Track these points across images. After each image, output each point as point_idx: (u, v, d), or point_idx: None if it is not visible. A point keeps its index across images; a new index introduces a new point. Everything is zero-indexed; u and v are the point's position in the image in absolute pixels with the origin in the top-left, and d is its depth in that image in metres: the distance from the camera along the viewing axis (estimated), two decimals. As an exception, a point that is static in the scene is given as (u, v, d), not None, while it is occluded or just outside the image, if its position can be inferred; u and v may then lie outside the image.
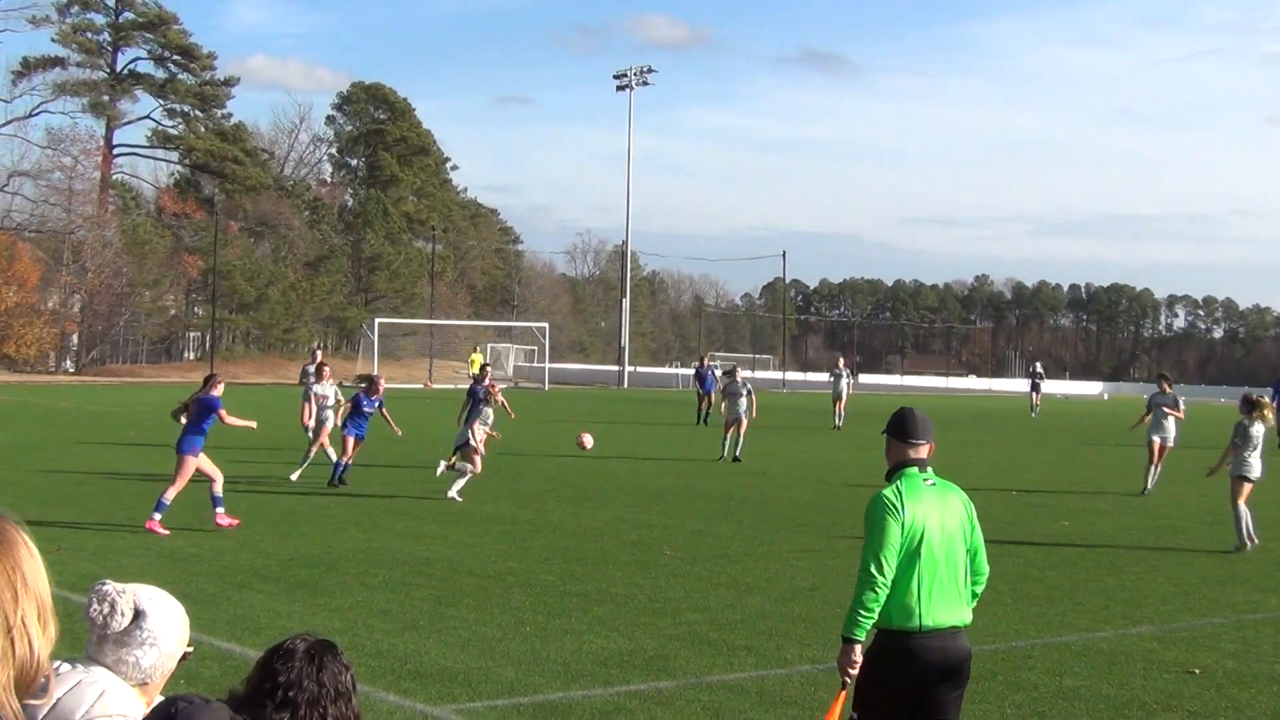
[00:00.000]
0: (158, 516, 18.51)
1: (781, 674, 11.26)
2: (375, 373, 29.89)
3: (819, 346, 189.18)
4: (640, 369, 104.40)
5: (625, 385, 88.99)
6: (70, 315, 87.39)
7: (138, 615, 3.95)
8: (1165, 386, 28.75)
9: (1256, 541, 19.25)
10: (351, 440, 25.03)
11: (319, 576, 15.28)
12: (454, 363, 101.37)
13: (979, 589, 7.11)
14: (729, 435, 32.47)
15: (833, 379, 48.44)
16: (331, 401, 26.55)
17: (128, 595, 3.96)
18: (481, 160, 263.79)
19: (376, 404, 25.52)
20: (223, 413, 19.26)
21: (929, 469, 7.08)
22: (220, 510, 18.98)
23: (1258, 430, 19.66)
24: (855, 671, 6.82)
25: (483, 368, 28.02)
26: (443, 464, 24.03)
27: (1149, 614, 14.48)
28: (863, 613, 6.75)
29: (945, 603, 6.78)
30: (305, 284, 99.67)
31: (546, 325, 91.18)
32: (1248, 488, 19.38)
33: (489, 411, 24.33)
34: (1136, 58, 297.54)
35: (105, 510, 20.44)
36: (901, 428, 7.13)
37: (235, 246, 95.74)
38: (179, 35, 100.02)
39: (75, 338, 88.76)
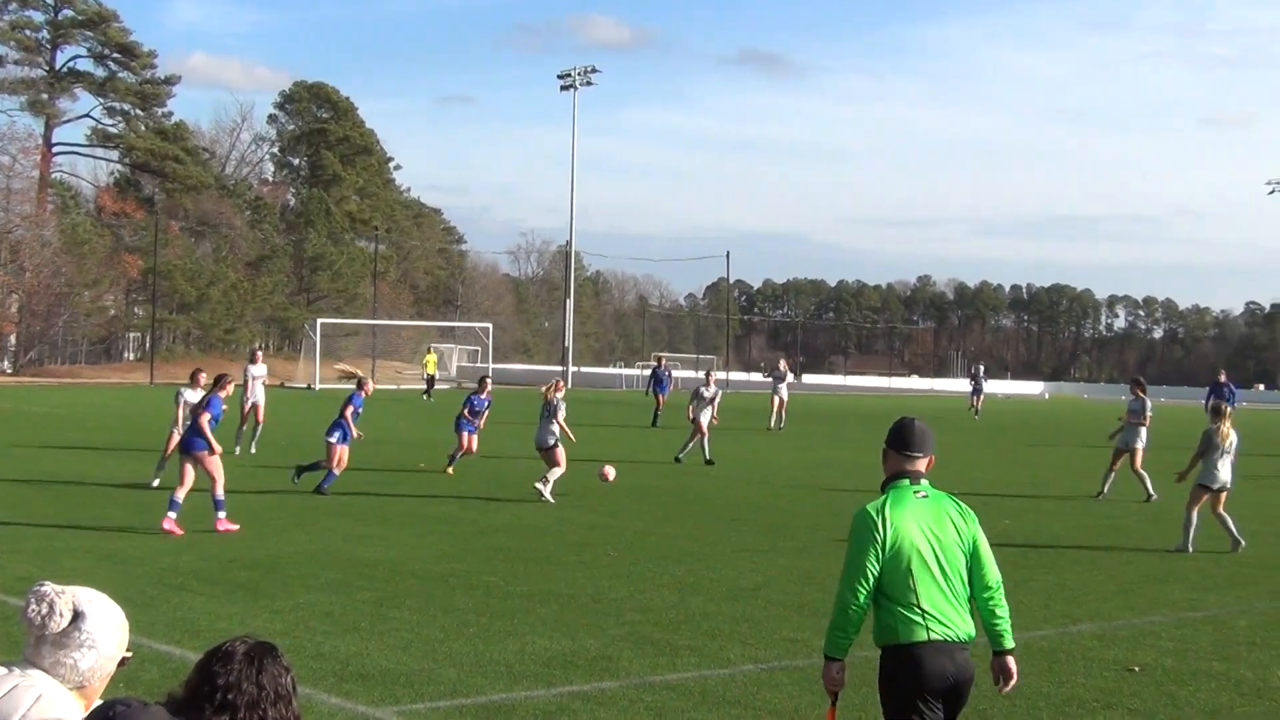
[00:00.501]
0: (222, 514, 18.87)
1: (725, 674, 11.28)
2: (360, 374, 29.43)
3: (762, 347, 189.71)
4: (584, 369, 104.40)
5: (569, 386, 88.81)
6: (8, 315, 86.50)
7: (76, 617, 3.92)
8: (1137, 392, 27.88)
9: (1244, 543, 19.29)
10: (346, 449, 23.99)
11: (260, 578, 15.20)
12: (396, 363, 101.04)
13: (996, 605, 6.83)
14: (695, 440, 32.20)
15: (772, 380, 48.34)
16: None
17: (66, 596, 3.93)
18: (425, 160, 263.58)
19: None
20: (205, 416, 19.30)
21: (923, 480, 6.85)
22: (222, 515, 18.97)
23: (1226, 439, 19.59)
24: (839, 688, 6.80)
25: (481, 380, 29.35)
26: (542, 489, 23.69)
27: (1089, 612, 14.58)
28: (839, 634, 6.70)
29: (945, 615, 6.59)
30: (246, 284, 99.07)
31: (490, 325, 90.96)
32: (1205, 496, 19.38)
33: (563, 409, 24.60)
34: (1081, 59, 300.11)
35: (44, 512, 20.25)
36: (900, 439, 6.93)
37: (176, 246, 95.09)
38: (119, 33, 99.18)
39: (13, 338, 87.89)
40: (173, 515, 18.55)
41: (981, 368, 68.32)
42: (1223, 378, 43.89)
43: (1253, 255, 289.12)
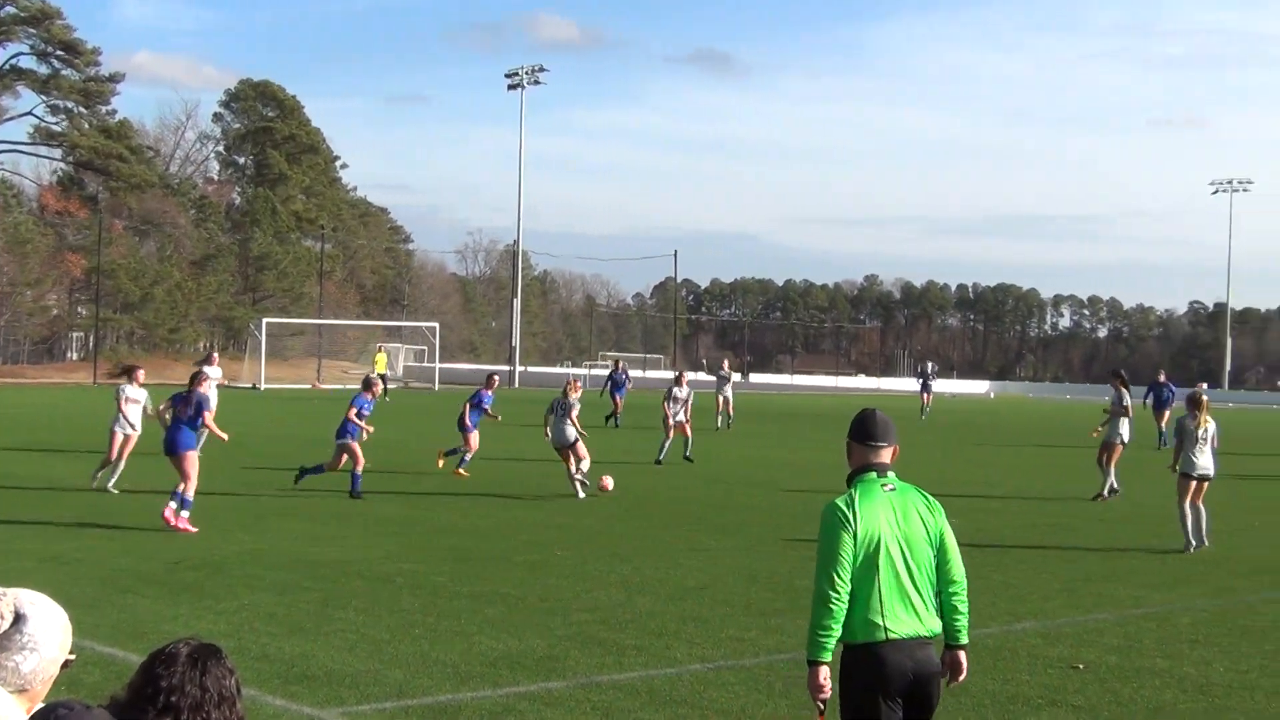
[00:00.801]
0: (185, 514, 18.97)
1: (671, 673, 11.29)
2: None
3: (710, 346, 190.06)
4: (531, 369, 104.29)
5: (516, 385, 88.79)
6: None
7: (18, 619, 3.88)
8: (1117, 385, 27.44)
9: (1207, 544, 19.32)
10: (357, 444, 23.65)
11: (205, 579, 15.11)
12: (343, 363, 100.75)
13: (959, 600, 6.74)
14: (672, 439, 32.44)
15: (718, 380, 48.19)
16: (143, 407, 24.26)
17: (8, 599, 3.89)
18: (372, 159, 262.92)
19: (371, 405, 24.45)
20: (208, 415, 20.24)
21: (890, 473, 6.76)
22: (186, 514, 19.04)
23: (1202, 429, 19.58)
24: (825, 694, 6.53)
25: (490, 377, 29.28)
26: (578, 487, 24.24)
27: (1034, 610, 14.67)
28: (821, 632, 6.47)
29: (909, 611, 6.50)
30: (191, 283, 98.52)
31: (437, 325, 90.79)
32: (1192, 485, 19.41)
33: (578, 407, 24.97)
34: (1030, 60, 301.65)
35: (-14, 513, 20.08)
36: (863, 430, 6.81)
37: (120, 245, 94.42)
38: (63, 30, 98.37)
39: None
40: (185, 514, 18.95)
41: (930, 366, 68.16)
42: (1162, 377, 44.13)
43: (1197, 255, 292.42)
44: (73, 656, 4.04)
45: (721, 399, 46.19)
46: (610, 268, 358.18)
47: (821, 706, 6.55)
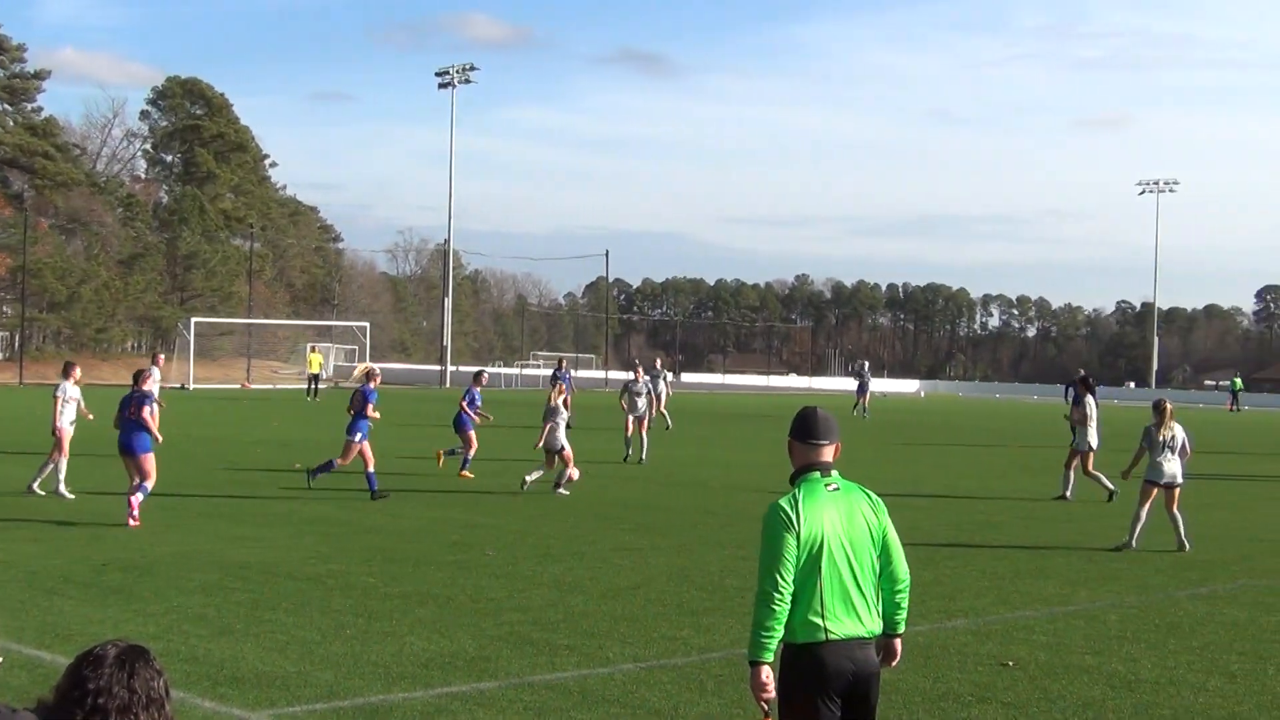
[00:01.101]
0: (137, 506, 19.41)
1: (604, 673, 11.28)
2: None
3: (642, 345, 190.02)
4: (463, 368, 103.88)
5: (448, 385, 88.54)
6: None
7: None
8: (1082, 390, 27.25)
9: (1188, 547, 19.47)
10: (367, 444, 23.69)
11: (133, 581, 14.97)
12: (273, 362, 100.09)
13: (901, 597, 6.74)
14: (632, 436, 32.86)
15: (649, 380, 48.09)
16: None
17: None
18: (302, 157, 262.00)
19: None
20: (146, 410, 20.30)
21: (833, 472, 6.70)
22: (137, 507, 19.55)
23: (1167, 435, 19.63)
24: (769, 694, 6.47)
25: (478, 374, 29.62)
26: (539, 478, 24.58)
27: (964, 608, 14.75)
28: (763, 633, 6.40)
29: (850, 612, 6.48)
30: (119, 282, 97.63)
31: (367, 324, 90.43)
32: (1155, 492, 19.51)
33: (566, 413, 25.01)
34: (953, 61, 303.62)
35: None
36: (804, 428, 6.74)
37: (46, 244, 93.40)
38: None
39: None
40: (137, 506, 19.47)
41: (865, 365, 68.07)
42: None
43: (1124, 255, 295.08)
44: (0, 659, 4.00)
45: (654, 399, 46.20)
46: (542, 267, 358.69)
47: (765, 707, 6.52)
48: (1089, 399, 26.74)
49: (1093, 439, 26.23)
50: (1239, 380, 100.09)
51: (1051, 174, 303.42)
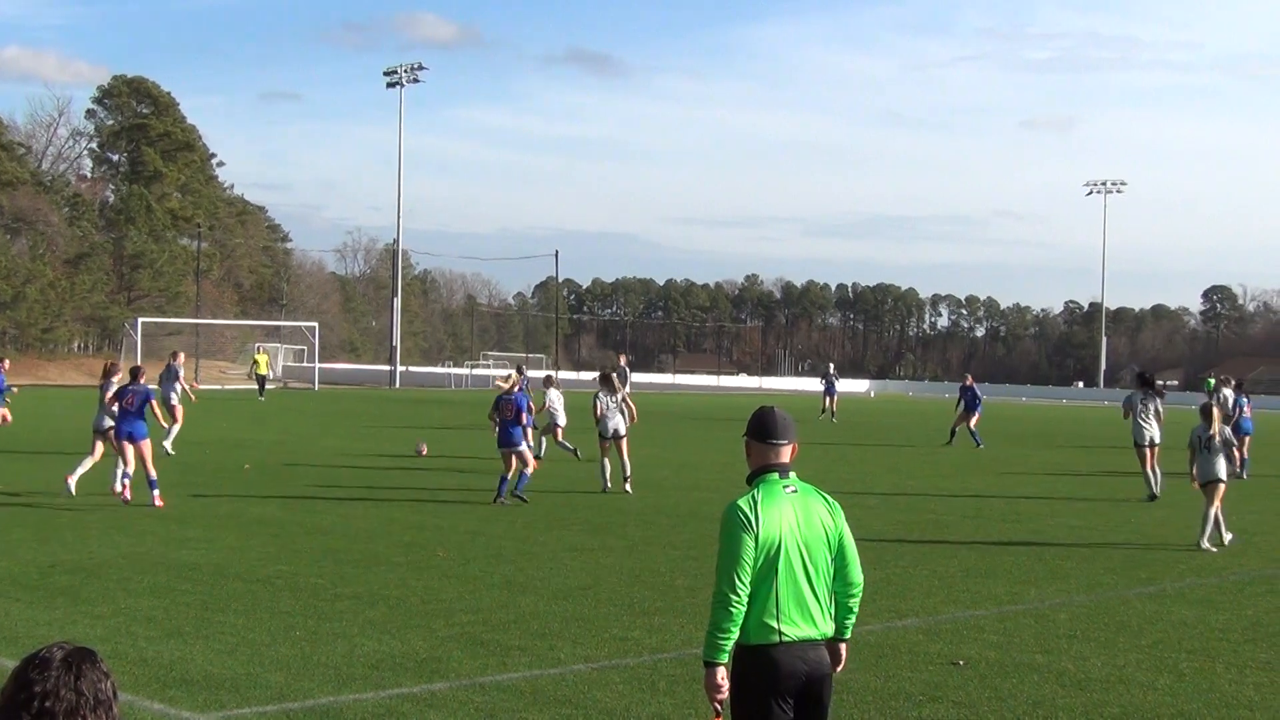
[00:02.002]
0: (156, 492, 21.73)
1: (555, 673, 11.25)
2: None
3: (592, 345, 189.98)
4: (413, 369, 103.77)
5: (397, 385, 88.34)
6: None
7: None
8: (1147, 388, 27.75)
9: (1229, 540, 19.94)
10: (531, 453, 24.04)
11: (80, 583, 14.86)
12: (221, 363, 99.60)
13: (854, 601, 6.76)
14: (607, 458, 26.51)
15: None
16: None
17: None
18: (249, 157, 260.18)
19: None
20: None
21: (791, 474, 6.68)
22: (122, 486, 22.19)
23: (1215, 436, 20.02)
24: (723, 695, 6.45)
25: (521, 367, 29.39)
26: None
27: (914, 607, 14.79)
28: (719, 634, 6.39)
29: (804, 615, 6.46)
30: (65, 282, 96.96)
31: (316, 325, 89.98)
32: (1221, 489, 19.88)
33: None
34: (902, 62, 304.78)
35: None
36: (762, 428, 6.71)
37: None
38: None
39: None
40: (156, 490, 21.74)
41: (832, 368, 67.12)
42: (969, 381, 44.46)
43: (1072, 255, 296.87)
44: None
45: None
46: (491, 267, 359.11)
47: (718, 708, 6.50)
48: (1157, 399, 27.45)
49: (1156, 434, 26.85)
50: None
51: (1000, 175, 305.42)
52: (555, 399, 32.81)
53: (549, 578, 15.95)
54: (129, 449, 21.99)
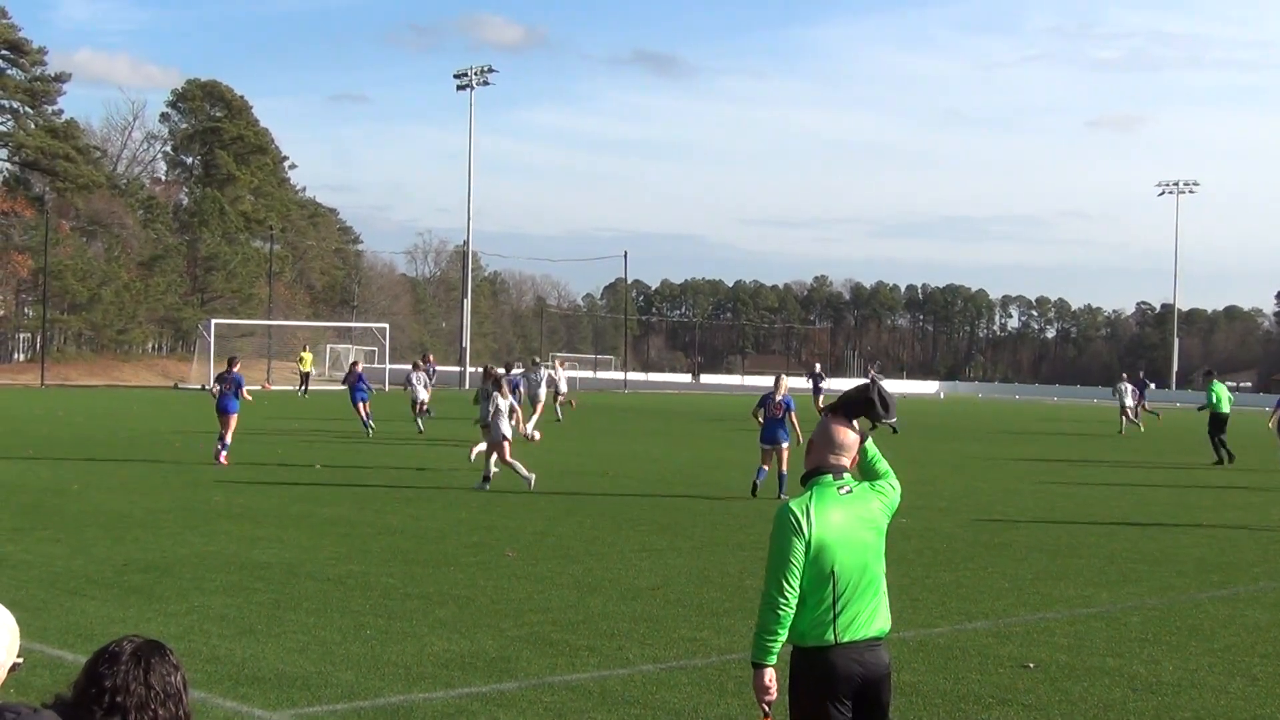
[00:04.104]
0: (225, 453, 28.62)
1: (624, 674, 11.27)
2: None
3: (660, 347, 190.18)
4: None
5: (467, 386, 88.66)
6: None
7: (-35, 624, 3.84)
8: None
9: None
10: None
11: (153, 582, 15.00)
12: (293, 364, 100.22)
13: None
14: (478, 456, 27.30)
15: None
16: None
17: (-46, 603, 3.85)
18: (320, 159, 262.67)
19: None
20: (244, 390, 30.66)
21: (846, 475, 6.65)
22: (225, 452, 28.72)
23: None
24: (771, 696, 6.43)
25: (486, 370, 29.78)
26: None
27: (984, 610, 14.71)
28: (767, 636, 6.40)
29: (860, 615, 6.49)
30: (139, 284, 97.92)
31: (387, 326, 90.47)
32: None
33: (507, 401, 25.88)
34: (967, 62, 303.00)
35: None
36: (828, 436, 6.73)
37: (67, 246, 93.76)
38: (8, 29, 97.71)
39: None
40: (225, 454, 28.42)
41: (819, 365, 64.00)
42: (817, 368, 44.97)
43: (1143, 256, 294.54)
44: (20, 660, 4.00)
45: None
46: (560, 269, 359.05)
47: (766, 709, 6.48)
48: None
49: None
50: None
51: (1068, 175, 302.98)
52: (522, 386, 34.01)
53: (617, 578, 15.97)
54: (222, 419, 29.23)
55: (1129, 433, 50.67)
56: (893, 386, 65.31)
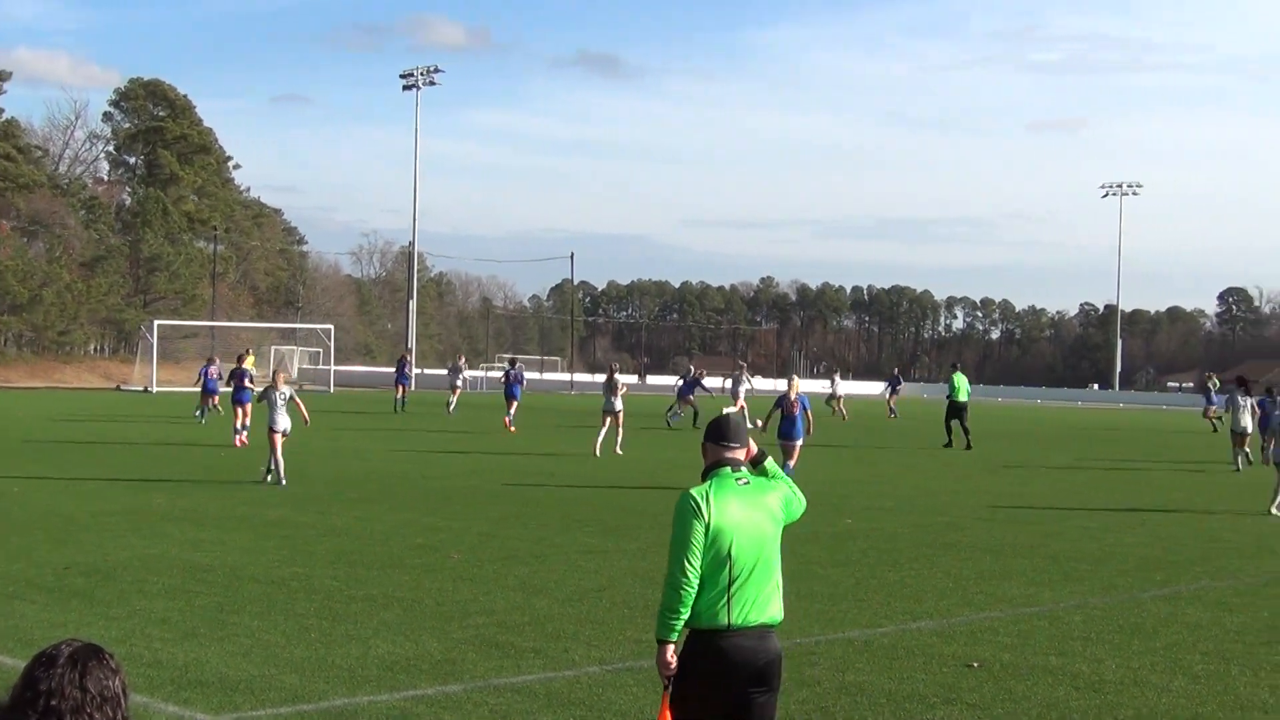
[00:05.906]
0: (244, 434, 33.79)
1: (569, 675, 11.26)
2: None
3: (607, 348, 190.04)
4: (427, 371, 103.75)
5: (413, 387, 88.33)
6: None
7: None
8: (1244, 387, 34.69)
9: (1249, 466, 20.60)
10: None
11: (95, 585, 14.88)
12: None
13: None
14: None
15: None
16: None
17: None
18: (264, 160, 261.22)
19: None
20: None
21: (743, 468, 7.08)
22: (244, 434, 33.56)
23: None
24: (672, 671, 6.84)
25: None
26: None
27: (929, 609, 14.76)
28: (670, 614, 6.79)
29: (754, 602, 6.78)
30: (81, 285, 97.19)
31: (332, 327, 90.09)
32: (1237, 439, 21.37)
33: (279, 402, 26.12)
34: (912, 65, 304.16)
35: None
36: (718, 433, 7.14)
37: (7, 246, 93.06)
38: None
39: None
40: (244, 434, 33.33)
41: (746, 365, 64.56)
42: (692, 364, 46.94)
43: (1087, 257, 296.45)
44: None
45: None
46: (506, 269, 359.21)
47: (667, 682, 6.87)
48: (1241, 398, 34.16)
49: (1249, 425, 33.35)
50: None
51: (1012, 177, 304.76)
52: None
53: (563, 580, 15.95)
54: (235, 410, 35.39)
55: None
56: (846, 387, 65.48)
